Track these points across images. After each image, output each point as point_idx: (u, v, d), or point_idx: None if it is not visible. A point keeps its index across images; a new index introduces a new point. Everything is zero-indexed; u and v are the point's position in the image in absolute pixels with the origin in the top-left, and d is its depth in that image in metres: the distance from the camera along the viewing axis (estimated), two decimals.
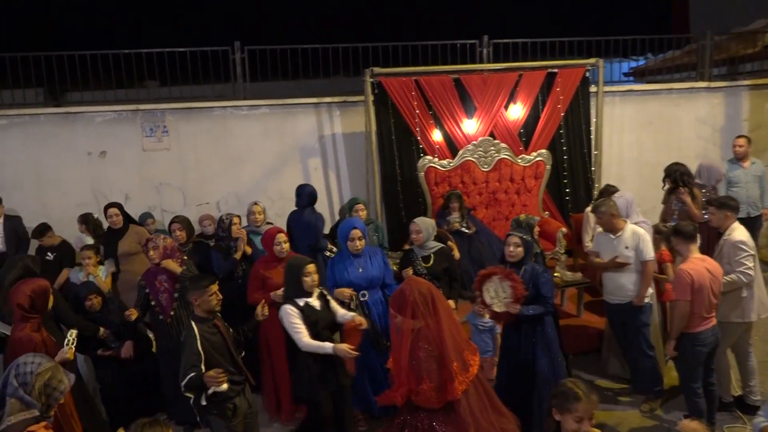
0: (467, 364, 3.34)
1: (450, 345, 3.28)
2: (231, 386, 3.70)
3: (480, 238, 6.69)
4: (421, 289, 3.34)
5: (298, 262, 4.02)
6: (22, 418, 2.49)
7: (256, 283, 4.75)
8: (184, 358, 3.61)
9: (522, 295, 4.14)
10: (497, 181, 7.13)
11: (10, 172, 7.37)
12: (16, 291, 3.89)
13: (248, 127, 7.70)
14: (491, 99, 7.23)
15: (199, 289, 3.74)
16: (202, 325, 3.72)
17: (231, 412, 3.75)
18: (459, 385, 3.24)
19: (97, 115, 7.45)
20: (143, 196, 7.56)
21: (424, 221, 5.07)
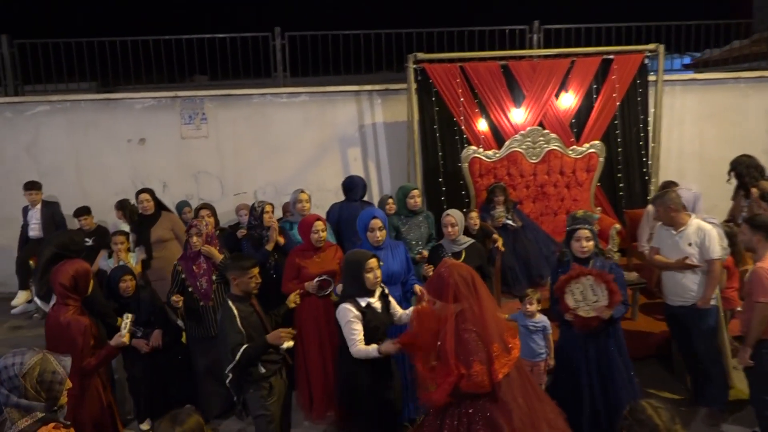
0: (508, 347, 3.12)
1: (491, 326, 3.08)
2: (268, 366, 3.63)
3: (526, 234, 6.31)
4: (461, 272, 3.14)
5: (358, 257, 3.66)
6: (24, 425, 2.29)
7: (291, 273, 4.52)
8: (228, 337, 3.53)
9: (619, 301, 3.79)
10: (546, 174, 6.73)
11: (52, 158, 7.40)
12: (59, 270, 3.70)
13: (287, 115, 7.52)
14: (541, 87, 6.83)
15: (239, 269, 3.67)
16: (239, 304, 3.64)
17: (267, 392, 3.65)
18: (500, 367, 3.03)
19: (137, 101, 7.40)
20: (181, 185, 7.46)
21: (459, 213, 4.74)
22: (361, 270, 3.56)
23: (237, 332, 3.52)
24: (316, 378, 4.54)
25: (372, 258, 3.64)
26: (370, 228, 4.27)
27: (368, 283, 3.58)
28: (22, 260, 6.64)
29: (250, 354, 3.52)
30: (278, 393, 3.72)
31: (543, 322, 4.53)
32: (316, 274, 4.40)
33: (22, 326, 6.71)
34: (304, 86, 7.53)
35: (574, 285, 3.88)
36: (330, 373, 4.48)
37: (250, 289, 3.69)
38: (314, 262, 4.45)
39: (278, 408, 3.72)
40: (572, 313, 3.86)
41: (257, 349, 3.54)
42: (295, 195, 5.31)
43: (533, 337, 4.52)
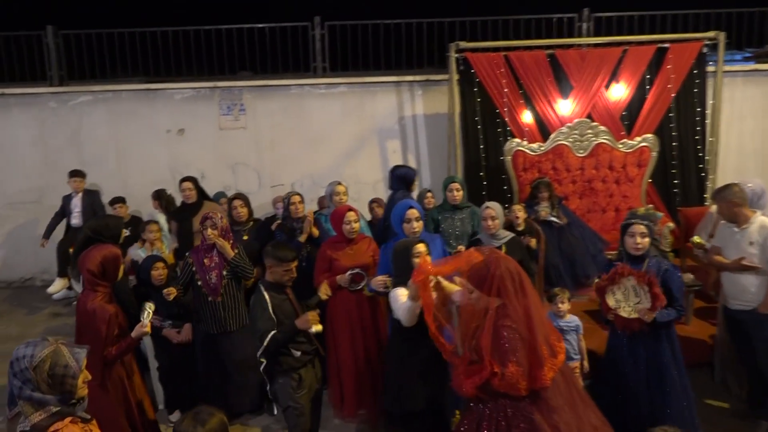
0: (555, 351, 2.90)
1: (538, 328, 2.84)
2: (300, 355, 3.55)
3: (572, 231, 5.99)
4: (509, 266, 2.89)
5: (405, 243, 3.59)
6: (37, 420, 2.18)
7: (323, 265, 4.36)
8: (259, 323, 3.46)
9: (661, 305, 3.55)
10: (594, 169, 6.39)
11: (94, 148, 7.47)
12: (87, 256, 3.63)
13: (325, 106, 7.38)
14: (590, 77, 6.49)
15: (277, 259, 3.57)
16: (272, 292, 3.56)
17: (296, 383, 3.55)
18: (548, 371, 2.82)
19: (177, 92, 7.39)
20: (218, 176, 7.42)
21: (498, 206, 4.50)
22: (409, 256, 3.47)
23: (267, 319, 3.45)
24: (348, 374, 4.37)
25: (419, 243, 3.51)
26: (406, 218, 4.07)
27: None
28: (61, 247, 6.70)
29: (278, 340, 3.44)
30: (308, 385, 3.61)
31: (575, 321, 4.34)
32: (348, 266, 4.23)
33: (61, 313, 6.78)
34: (343, 77, 7.37)
35: (616, 285, 3.68)
36: (362, 369, 4.31)
37: (284, 282, 3.60)
38: (347, 255, 4.28)
39: (308, 401, 3.61)
40: (613, 312, 3.68)
41: (286, 334, 3.45)
42: (332, 187, 5.08)
43: (567, 338, 4.29)
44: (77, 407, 2.28)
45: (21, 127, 7.45)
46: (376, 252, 4.38)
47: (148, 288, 4.58)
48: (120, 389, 3.53)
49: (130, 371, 3.70)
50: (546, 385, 2.79)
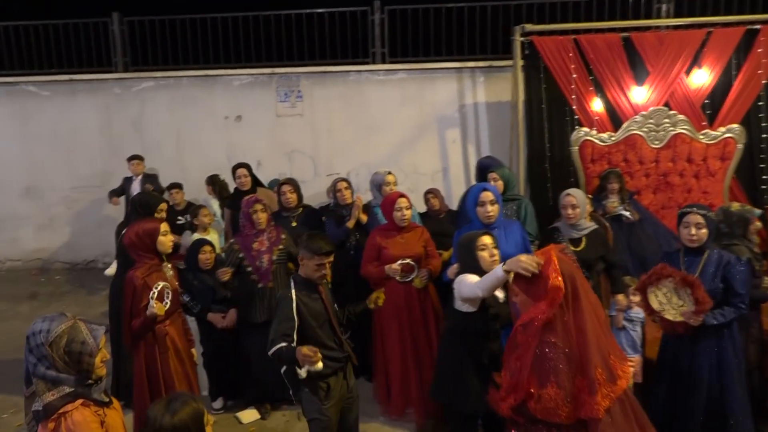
0: (615, 375, 2.47)
1: (592, 346, 2.43)
2: (327, 363, 3.15)
3: (644, 228, 5.54)
4: (562, 268, 2.50)
5: (469, 235, 3.25)
6: (49, 399, 2.06)
7: (371, 254, 4.14)
8: (276, 323, 3.14)
9: (705, 309, 3.17)
10: (670, 161, 5.88)
11: (155, 133, 7.56)
12: (127, 230, 3.64)
13: (384, 93, 7.17)
14: (669, 62, 5.97)
15: (309, 251, 3.17)
16: (303, 288, 3.21)
17: (324, 393, 3.21)
18: (602, 399, 2.40)
19: (235, 78, 7.36)
20: (274, 163, 7.35)
21: (581, 194, 4.09)
22: (473, 249, 3.13)
23: (288, 319, 3.08)
24: (395, 371, 4.14)
25: (484, 235, 3.18)
26: (480, 201, 3.71)
27: (483, 263, 3.10)
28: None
29: (283, 356, 3.03)
30: (337, 395, 3.26)
31: (642, 312, 3.96)
32: (398, 256, 3.98)
33: None
34: (403, 63, 7.13)
35: (657, 286, 3.30)
36: (410, 366, 4.07)
37: (314, 278, 3.19)
38: (397, 243, 4.04)
39: (336, 412, 3.27)
40: (657, 315, 3.32)
41: (288, 355, 3.01)
42: (381, 177, 4.76)
43: (636, 330, 3.98)
44: (94, 388, 2.15)
45: (87, 113, 7.63)
46: (428, 242, 4.12)
47: (194, 272, 4.52)
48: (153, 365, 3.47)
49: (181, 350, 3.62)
50: (596, 416, 2.39)
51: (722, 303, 3.22)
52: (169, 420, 1.98)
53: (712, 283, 3.20)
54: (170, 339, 3.53)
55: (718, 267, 3.22)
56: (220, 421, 4.35)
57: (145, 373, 3.52)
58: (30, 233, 7.97)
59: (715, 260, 3.24)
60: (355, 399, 3.44)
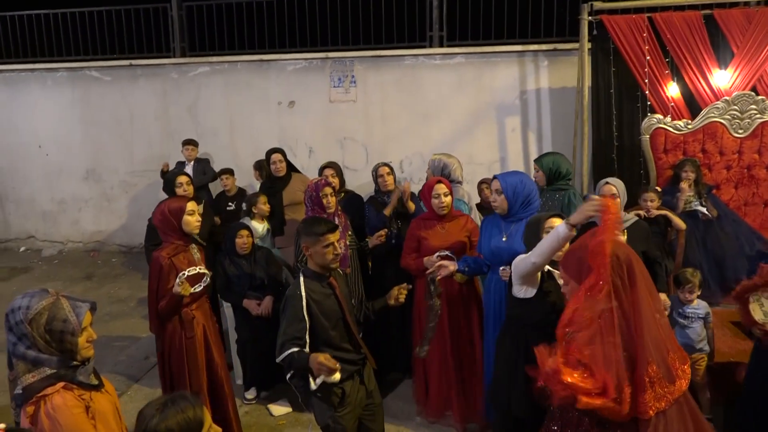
0: (673, 375, 2.20)
1: (649, 339, 2.15)
2: (343, 366, 2.82)
3: (723, 226, 4.99)
4: (618, 251, 2.21)
5: (537, 217, 3.00)
6: (29, 381, 1.89)
7: (411, 245, 3.86)
8: (284, 325, 2.83)
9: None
10: (756, 152, 5.26)
11: (209, 119, 7.54)
12: (154, 212, 3.53)
13: (440, 79, 6.84)
14: (758, 42, 5.34)
15: (310, 235, 2.87)
16: (313, 283, 2.90)
17: (338, 399, 2.90)
18: (654, 400, 2.15)
19: (289, 63, 7.22)
20: (326, 150, 7.16)
21: (621, 183, 3.72)
22: (539, 230, 2.87)
23: (298, 320, 2.78)
24: (434, 371, 3.85)
25: (553, 217, 2.90)
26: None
27: None
28: None
29: (295, 363, 2.73)
30: (354, 402, 2.95)
31: (704, 308, 3.70)
32: (438, 247, 3.68)
33: None
34: (461, 47, 6.78)
35: (763, 293, 2.90)
36: (450, 366, 3.76)
37: (328, 263, 2.88)
38: (437, 233, 3.74)
39: (353, 420, 2.96)
40: (760, 328, 2.93)
41: (300, 361, 2.71)
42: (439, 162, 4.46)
43: (693, 327, 3.64)
44: (79, 370, 1.97)
45: (146, 98, 7.71)
46: (473, 232, 3.79)
47: (231, 257, 4.39)
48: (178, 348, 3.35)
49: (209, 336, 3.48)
50: (644, 416, 2.13)
51: None
52: (155, 423, 1.76)
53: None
54: (197, 323, 3.38)
55: None
56: (251, 411, 4.21)
57: (168, 358, 3.40)
58: (90, 216, 8.16)
59: None
60: (377, 407, 3.13)
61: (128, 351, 5.24)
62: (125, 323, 5.84)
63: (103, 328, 5.84)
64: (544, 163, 4.18)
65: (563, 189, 4.19)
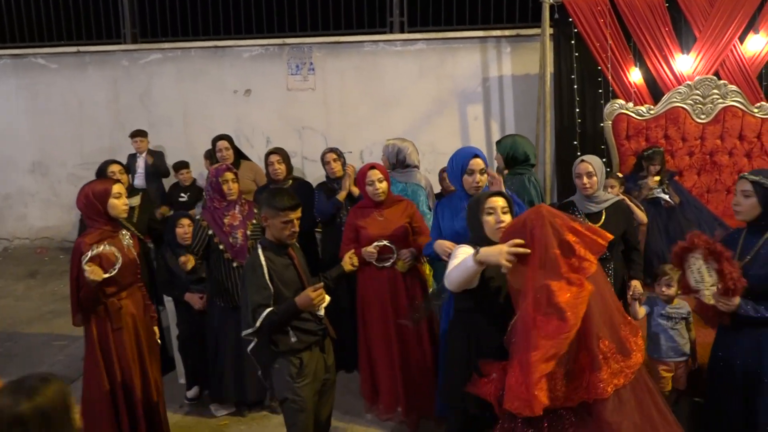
0: (627, 348, 2.09)
1: (596, 314, 2.04)
2: (300, 336, 2.80)
3: (685, 213, 4.88)
4: (555, 222, 2.09)
5: (478, 196, 2.78)
6: None
7: (349, 234, 3.63)
8: (250, 293, 2.72)
9: (737, 287, 2.56)
10: (718, 138, 5.18)
11: (162, 108, 7.24)
12: (78, 195, 3.21)
13: (401, 65, 6.64)
14: (720, 26, 5.26)
15: (272, 208, 2.79)
16: (271, 253, 2.81)
17: (296, 369, 2.79)
18: (610, 377, 2.03)
19: (245, 50, 6.95)
20: (284, 140, 6.86)
21: (598, 161, 3.52)
22: (479, 212, 2.65)
23: (262, 287, 2.72)
24: (382, 366, 3.63)
25: (494, 196, 2.67)
26: (468, 170, 3.16)
27: (488, 229, 2.63)
28: None
29: (274, 320, 2.69)
30: (313, 373, 2.87)
31: (686, 308, 3.37)
32: (376, 236, 3.46)
33: None
34: (421, 32, 6.58)
35: (692, 259, 2.68)
36: (396, 361, 3.55)
37: (284, 238, 2.82)
38: (375, 222, 3.51)
39: (311, 392, 2.86)
40: (695, 295, 2.72)
41: (285, 313, 2.71)
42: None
43: (677, 329, 3.33)
44: None
45: (95, 86, 7.36)
46: (414, 217, 3.58)
47: (173, 248, 4.12)
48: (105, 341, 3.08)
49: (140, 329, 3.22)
50: (601, 395, 1.99)
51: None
52: (27, 405, 1.53)
53: (763, 267, 2.57)
54: (126, 314, 3.12)
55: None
56: (193, 411, 3.95)
57: (99, 352, 3.13)
58: (37, 211, 7.78)
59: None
60: (332, 382, 3.04)
61: (68, 350, 4.93)
62: (68, 321, 5.46)
63: (45, 326, 5.53)
64: (501, 146, 4.03)
65: (521, 173, 4.04)
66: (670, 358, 3.38)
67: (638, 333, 2.19)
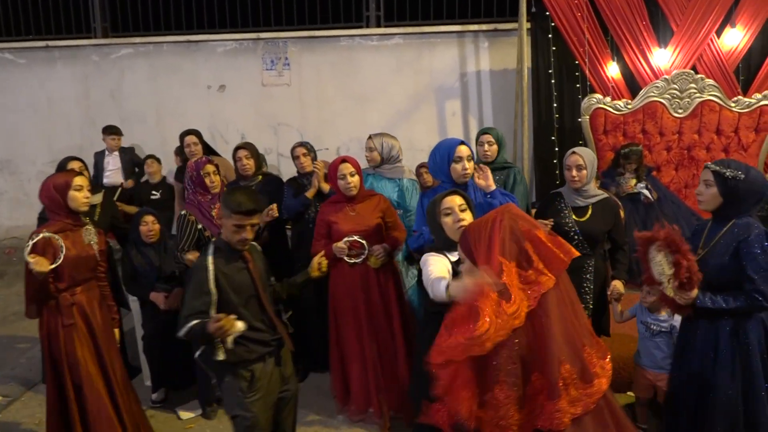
0: (590, 373, 1.87)
1: (558, 333, 1.83)
2: (251, 347, 2.61)
3: (662, 208, 4.82)
4: (517, 227, 1.90)
5: (435, 198, 2.64)
6: None
7: (321, 230, 3.53)
8: (188, 297, 2.56)
9: (691, 278, 2.50)
10: (695, 133, 5.13)
11: (134, 104, 7.05)
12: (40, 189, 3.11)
13: (378, 60, 6.53)
14: (697, 20, 5.22)
15: (227, 207, 2.59)
16: (223, 255, 2.63)
17: (247, 383, 2.62)
18: (568, 406, 1.82)
19: (219, 45, 6.80)
20: (259, 136, 6.75)
21: (590, 153, 3.41)
22: (436, 215, 2.54)
23: (203, 292, 2.52)
24: (354, 366, 3.52)
25: (451, 195, 2.55)
26: (455, 158, 3.04)
27: (447, 230, 2.52)
28: None
29: (197, 333, 2.47)
30: (265, 387, 2.68)
31: (674, 321, 3.19)
32: (348, 232, 3.37)
33: None
34: (399, 26, 6.48)
35: (653, 251, 2.62)
36: (369, 359, 3.45)
37: (234, 243, 2.62)
38: (347, 217, 3.43)
39: (264, 406, 2.67)
40: (658, 288, 2.66)
41: (201, 331, 2.45)
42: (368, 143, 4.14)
43: (656, 341, 3.20)
44: None
45: (65, 82, 7.15)
46: (388, 212, 3.49)
47: (138, 246, 3.99)
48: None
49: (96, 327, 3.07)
50: (557, 427, 1.80)
51: (734, 286, 2.53)
52: None
53: (720, 257, 2.52)
54: (79, 311, 2.99)
55: (736, 242, 2.52)
56: (157, 416, 3.81)
57: (47, 348, 3.01)
58: (5, 210, 7.56)
59: (734, 234, 2.54)
60: (292, 394, 2.84)
61: (30, 353, 4.76)
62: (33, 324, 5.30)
63: (8, 329, 5.37)
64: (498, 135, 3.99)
65: (506, 167, 3.95)
66: (647, 367, 3.31)
67: (606, 356, 2.00)
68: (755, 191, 2.53)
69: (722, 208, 2.58)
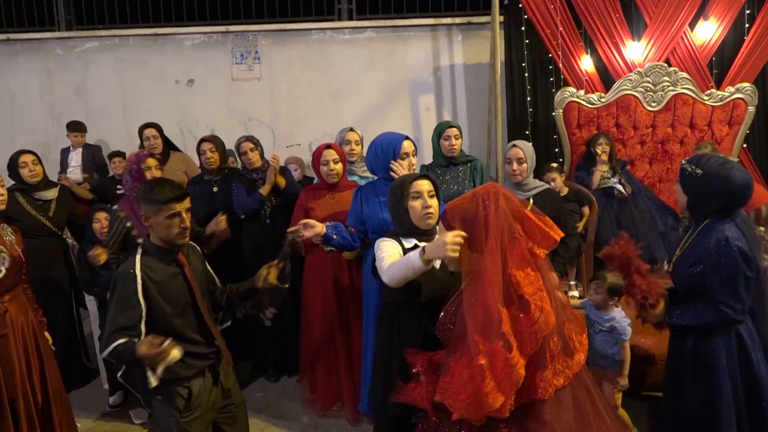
0: (571, 348, 1.94)
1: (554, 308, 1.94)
2: (189, 361, 2.37)
3: (637, 202, 4.80)
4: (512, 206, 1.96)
5: (401, 179, 2.49)
6: None
7: (299, 216, 3.43)
8: (112, 312, 2.30)
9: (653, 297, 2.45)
10: (669, 126, 5.09)
11: (100, 99, 6.84)
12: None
13: (350, 54, 6.40)
14: (670, 13, 5.17)
15: (151, 203, 2.34)
16: (153, 260, 2.38)
17: (184, 402, 2.41)
18: (553, 376, 1.88)
19: (187, 38, 6.62)
20: (230, 132, 6.55)
21: (529, 146, 3.40)
22: (403, 197, 2.40)
23: (129, 306, 2.27)
24: (321, 359, 3.43)
25: (421, 179, 2.42)
26: (401, 154, 2.97)
27: (414, 215, 2.40)
28: None
29: (123, 356, 2.20)
30: (204, 404, 2.45)
31: (615, 322, 3.07)
32: (325, 218, 3.26)
33: None
34: (370, 19, 6.36)
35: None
36: (338, 353, 3.36)
37: (173, 237, 2.37)
38: (326, 204, 3.37)
39: (203, 425, 2.46)
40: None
41: (127, 354, 2.18)
42: (342, 135, 3.99)
43: (597, 338, 3.13)
44: None
45: (28, 77, 6.92)
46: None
47: (93, 244, 3.81)
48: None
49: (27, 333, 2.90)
50: (542, 397, 1.84)
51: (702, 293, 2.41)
52: None
53: (688, 268, 2.42)
54: (10, 318, 2.81)
55: (703, 248, 2.38)
56: (113, 419, 3.66)
57: None
58: None
59: (702, 237, 2.42)
60: (238, 407, 2.63)
61: None
62: None
63: None
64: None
65: (469, 160, 3.94)
66: (592, 361, 3.21)
67: (584, 331, 2.04)
68: (716, 188, 2.37)
69: (690, 205, 2.50)
